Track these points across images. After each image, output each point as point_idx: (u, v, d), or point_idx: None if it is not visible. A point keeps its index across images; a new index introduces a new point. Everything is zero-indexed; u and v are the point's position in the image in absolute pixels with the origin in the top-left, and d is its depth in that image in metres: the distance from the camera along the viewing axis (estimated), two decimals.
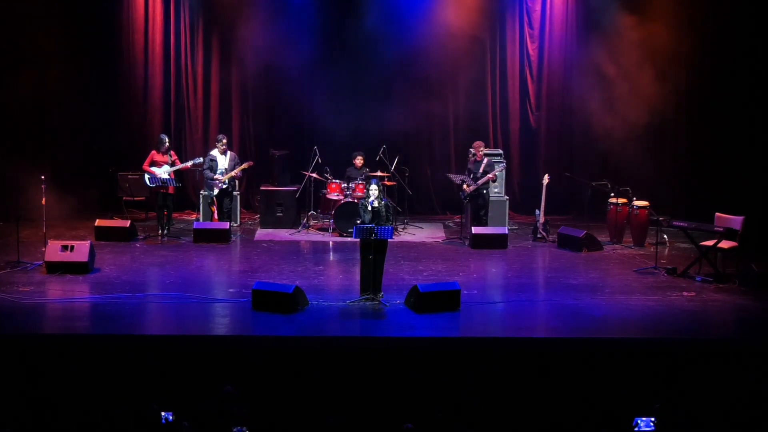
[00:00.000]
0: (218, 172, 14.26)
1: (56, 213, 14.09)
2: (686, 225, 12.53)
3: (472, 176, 14.18)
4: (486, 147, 14.76)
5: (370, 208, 10.68)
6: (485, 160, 14.21)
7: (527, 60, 16.67)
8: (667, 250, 13.84)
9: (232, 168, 14.33)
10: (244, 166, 14.46)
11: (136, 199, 15.84)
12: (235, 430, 7.52)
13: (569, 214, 16.45)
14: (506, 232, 14.10)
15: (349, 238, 13.96)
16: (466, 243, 14.08)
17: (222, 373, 8.82)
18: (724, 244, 12.11)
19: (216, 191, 14.28)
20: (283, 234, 14.82)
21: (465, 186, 14.16)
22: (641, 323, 10.12)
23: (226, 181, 14.27)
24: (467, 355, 9.22)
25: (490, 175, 14.09)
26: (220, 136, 14.52)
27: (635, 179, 15.09)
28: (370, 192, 10.75)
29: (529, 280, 12.17)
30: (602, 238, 14.19)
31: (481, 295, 11.16)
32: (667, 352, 9.26)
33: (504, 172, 15.32)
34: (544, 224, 14.37)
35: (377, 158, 15.16)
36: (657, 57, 15.39)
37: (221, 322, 10.06)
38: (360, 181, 14.70)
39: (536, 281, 12.34)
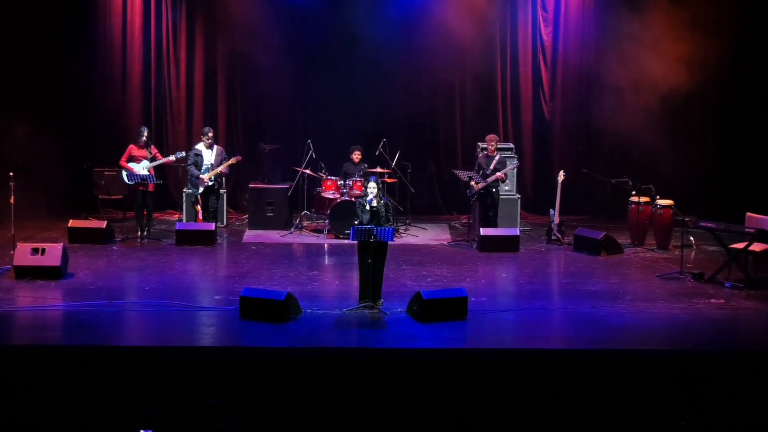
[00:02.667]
0: (204, 167, 14.27)
1: (26, 213, 14.08)
2: (714, 226, 12.52)
3: (481, 173, 14.18)
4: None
5: (368, 207, 10.68)
6: (497, 157, 14.22)
7: (541, 45, 16.69)
8: (693, 253, 13.85)
9: (218, 163, 14.34)
10: (232, 161, 14.46)
11: (113, 197, 15.85)
12: None
13: (586, 213, 16.46)
14: (518, 233, 14.11)
15: (345, 241, 13.97)
16: (474, 245, 14.09)
17: (207, 388, 8.82)
18: (756, 247, 12.10)
19: (201, 189, 14.28)
20: (274, 236, 14.82)
21: (473, 183, 14.16)
22: (665, 333, 10.12)
23: (212, 177, 14.28)
24: (475, 368, 9.22)
25: (499, 174, 14.09)
26: (206, 129, 14.52)
27: (659, 176, 15.10)
28: (369, 190, 10.75)
29: (542, 286, 12.18)
30: (622, 240, 14.21)
31: (491, 302, 11.17)
32: (694, 364, 9.26)
33: (515, 170, 15.28)
34: (558, 225, 14.38)
35: (377, 153, 15.16)
36: (684, 41, 15.38)
37: (206, 332, 10.06)
38: (358, 178, 14.70)
39: (550, 287, 12.34)
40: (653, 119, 15.95)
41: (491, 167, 14.13)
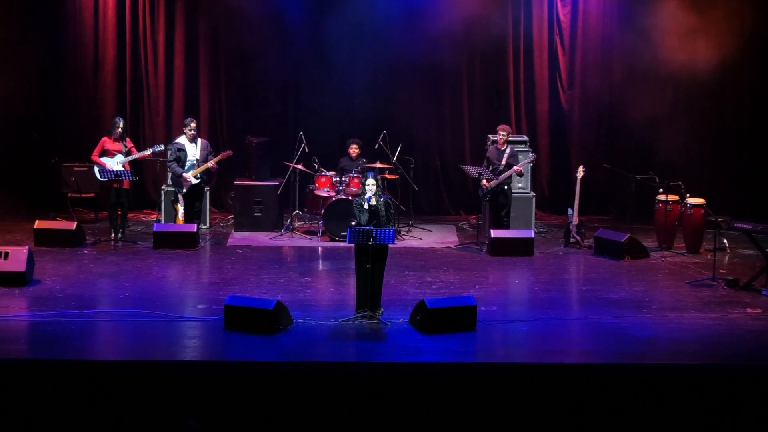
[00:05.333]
0: (188, 163, 14.20)
1: None
2: (751, 227, 12.51)
3: (491, 168, 14.17)
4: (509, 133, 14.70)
5: (366, 206, 10.67)
6: (508, 150, 14.19)
7: (558, 27, 16.68)
8: (727, 257, 13.85)
9: (204, 159, 14.27)
10: (222, 156, 14.38)
11: (83, 195, 15.82)
12: None
13: (609, 213, 16.47)
14: (532, 235, 14.11)
15: (342, 243, 13.97)
16: (484, 249, 14.08)
17: (188, 407, 8.81)
18: None
19: (185, 189, 14.21)
20: (262, 238, 14.82)
21: (484, 181, 14.14)
22: (696, 346, 10.11)
23: (198, 174, 14.23)
24: (485, 384, 9.21)
25: (517, 168, 14.07)
26: (188, 120, 14.47)
27: (688, 172, 15.09)
28: (367, 187, 10.73)
29: (559, 294, 12.17)
30: (648, 243, 14.20)
31: (502, 312, 11.17)
32: (728, 381, 9.25)
33: (530, 166, 15.24)
34: (578, 226, 14.37)
35: (376, 146, 15.16)
36: (717, 20, 15.36)
37: (187, 345, 10.05)
38: (355, 174, 14.70)
39: (568, 295, 12.34)
40: (682, 109, 15.93)
41: (503, 162, 14.10)
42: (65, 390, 8.99)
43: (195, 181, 14.21)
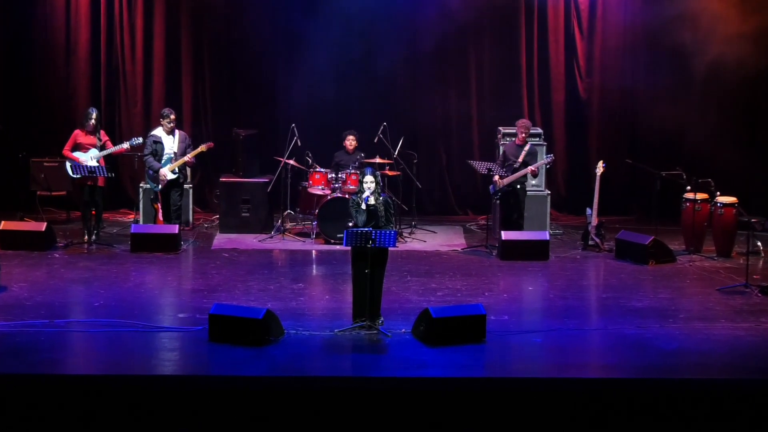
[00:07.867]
0: (165, 157, 14.24)
1: None
2: None
3: (506, 164, 14.16)
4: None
5: (364, 206, 10.68)
6: (527, 146, 14.19)
7: (575, 8, 16.68)
8: (761, 261, 13.85)
9: (183, 152, 14.30)
10: (202, 148, 14.40)
11: (54, 194, 15.85)
12: None
13: (631, 213, 16.47)
14: (547, 237, 14.12)
15: (338, 246, 13.98)
16: (494, 252, 14.09)
17: (168, 426, 8.81)
18: None
19: (161, 185, 14.25)
20: (251, 240, 14.83)
21: (497, 178, 14.13)
22: (727, 359, 10.11)
23: (176, 169, 14.25)
24: (495, 401, 9.21)
25: (532, 167, 14.08)
26: (166, 111, 14.49)
27: (718, 168, 15.08)
28: (365, 185, 10.74)
29: (577, 301, 12.18)
30: (675, 245, 14.21)
31: (514, 322, 11.17)
32: (761, 397, 9.25)
33: (548, 167, 15.25)
34: (597, 227, 14.38)
35: (375, 140, 15.16)
36: (752, 6, 15.36)
37: (168, 358, 10.06)
38: (352, 170, 14.70)
39: (587, 303, 12.35)
40: (712, 99, 15.92)
41: (519, 159, 14.10)
42: (33, 407, 9.00)
43: (172, 176, 14.19)
